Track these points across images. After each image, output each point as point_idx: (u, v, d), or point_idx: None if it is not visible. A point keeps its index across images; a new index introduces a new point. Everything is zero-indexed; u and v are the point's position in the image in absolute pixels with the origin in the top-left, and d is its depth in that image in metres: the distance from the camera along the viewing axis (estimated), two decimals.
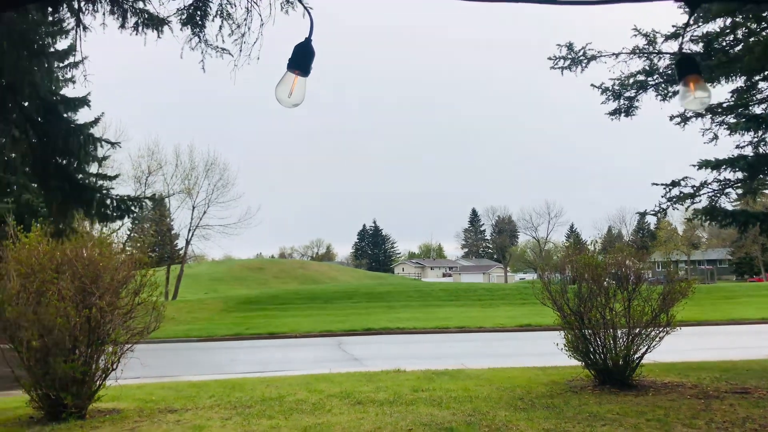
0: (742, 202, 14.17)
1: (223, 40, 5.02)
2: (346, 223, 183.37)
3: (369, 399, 8.66)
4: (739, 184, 11.77)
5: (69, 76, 25.39)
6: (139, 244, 40.59)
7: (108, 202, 12.53)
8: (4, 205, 19.11)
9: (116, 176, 29.52)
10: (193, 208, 40.54)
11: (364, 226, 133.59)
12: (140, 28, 5.63)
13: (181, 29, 5.25)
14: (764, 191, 14.43)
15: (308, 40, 3.73)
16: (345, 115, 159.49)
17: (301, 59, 3.80)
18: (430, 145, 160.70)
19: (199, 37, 5.12)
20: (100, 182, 24.45)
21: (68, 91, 25.62)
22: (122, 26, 5.60)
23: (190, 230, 41.01)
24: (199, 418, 7.71)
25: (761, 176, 11.89)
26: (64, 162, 8.13)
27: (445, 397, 8.74)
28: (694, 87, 4.16)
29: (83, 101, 25.03)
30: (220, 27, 5.02)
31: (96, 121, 26.21)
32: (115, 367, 8.08)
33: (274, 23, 4.45)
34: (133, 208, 21.98)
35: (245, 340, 21.60)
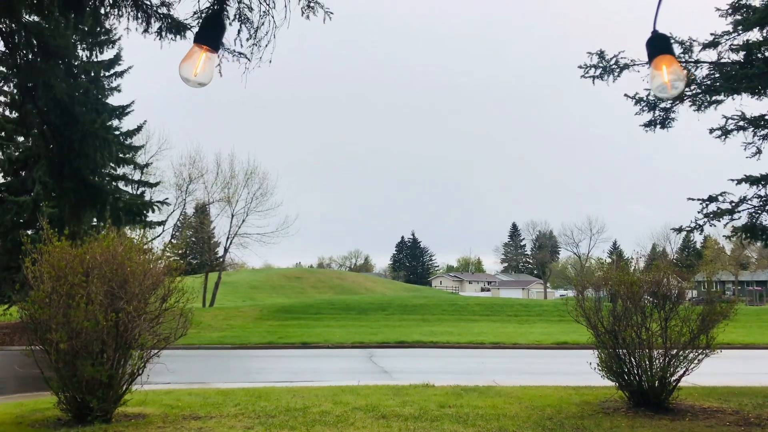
0: None
1: (241, 45, 5.01)
2: (385, 234, 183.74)
3: (394, 413, 8.51)
4: None
5: (114, 84, 26.18)
6: (178, 251, 41.24)
7: (121, 205, 12.66)
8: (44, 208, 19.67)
9: (157, 183, 30.23)
10: (232, 216, 40.95)
11: (403, 238, 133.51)
12: (163, 33, 5.67)
13: None
14: None
15: (220, 11, 3.43)
16: (385, 127, 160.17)
17: (212, 32, 3.40)
18: (471, 156, 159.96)
19: None
20: (112, 184, 24.86)
21: (113, 100, 26.43)
22: (146, 30, 5.66)
23: (228, 238, 41.44)
24: (222, 427, 7.69)
25: None
26: (80, 164, 8.23)
27: (472, 414, 8.53)
28: (667, 70, 3.53)
29: (108, 105, 25.62)
30: (239, 31, 5.00)
31: (138, 129, 26.94)
32: (141, 372, 8.15)
33: (288, 26, 4.42)
34: (145, 212, 22.34)
35: (277, 349, 21.65)
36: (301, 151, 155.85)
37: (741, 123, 10.93)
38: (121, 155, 25.46)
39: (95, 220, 20.31)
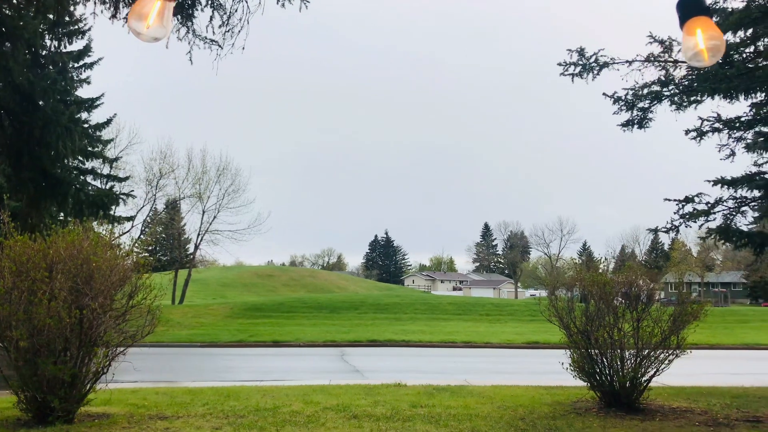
0: (759, 225, 13.70)
1: (213, 32, 4.82)
2: (358, 233, 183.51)
3: (365, 413, 8.40)
4: (756, 204, 11.29)
5: (84, 76, 25.60)
6: (147, 247, 40.59)
7: (83, 197, 12.19)
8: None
9: (127, 178, 29.67)
10: (203, 212, 40.43)
11: (376, 236, 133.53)
12: None
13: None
14: None
15: None
16: (359, 126, 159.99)
17: None
18: (445, 156, 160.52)
19: (187, 27, 4.92)
20: (80, 178, 24.16)
21: (82, 92, 25.85)
22: (114, 16, 5.42)
23: (199, 235, 40.89)
24: (189, 427, 7.50)
25: None
26: (40, 153, 7.89)
27: (444, 414, 8.46)
28: (703, 35, 2.96)
29: (76, 97, 24.94)
30: (211, 17, 4.81)
31: (108, 122, 26.40)
32: (105, 370, 7.90)
33: (263, 13, 4.27)
34: (110, 204, 21.76)
35: (248, 347, 21.40)
36: (274, 148, 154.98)
37: (716, 125, 10.99)
38: (89, 148, 24.88)
39: (61, 214, 19.84)
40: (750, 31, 9.66)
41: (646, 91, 10.79)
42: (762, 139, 10.97)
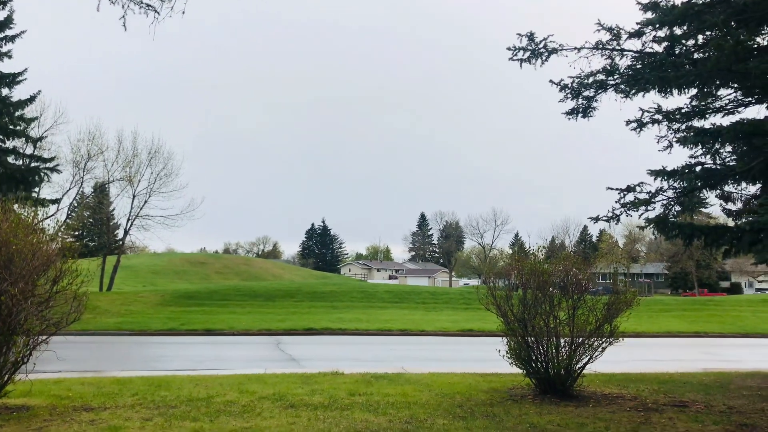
0: (680, 217, 14.25)
1: None
2: (295, 221, 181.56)
3: (303, 402, 8.25)
4: (691, 194, 11.63)
5: (5, 50, 24.16)
6: (73, 232, 38.88)
7: (1, 171, 11.32)
8: None
9: (52, 159, 28.20)
10: (134, 196, 38.90)
11: (313, 225, 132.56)
12: None
13: None
14: (702, 209, 14.42)
15: None
16: (296, 114, 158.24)
17: None
18: (383, 145, 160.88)
19: None
20: None
21: (3, 66, 24.41)
22: None
23: (129, 220, 39.37)
24: (117, 418, 7.16)
25: (703, 191, 11.84)
26: None
27: (383, 402, 8.41)
28: None
29: None
30: None
31: (32, 99, 25.04)
32: (26, 360, 7.45)
33: None
34: (30, 179, 20.45)
35: (180, 335, 20.79)
36: (210, 134, 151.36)
37: (656, 116, 11.25)
38: (10, 126, 23.54)
39: None
40: (693, 23, 9.90)
41: (591, 79, 10.90)
42: (692, 133, 11.35)
